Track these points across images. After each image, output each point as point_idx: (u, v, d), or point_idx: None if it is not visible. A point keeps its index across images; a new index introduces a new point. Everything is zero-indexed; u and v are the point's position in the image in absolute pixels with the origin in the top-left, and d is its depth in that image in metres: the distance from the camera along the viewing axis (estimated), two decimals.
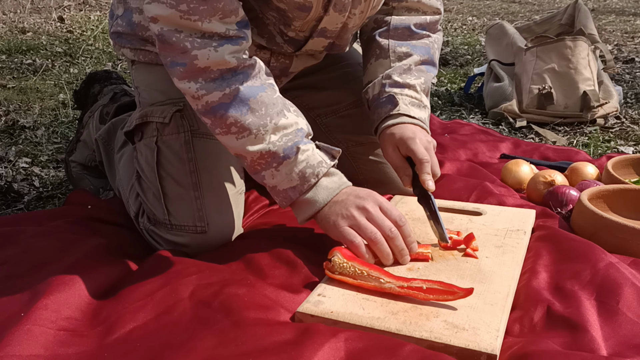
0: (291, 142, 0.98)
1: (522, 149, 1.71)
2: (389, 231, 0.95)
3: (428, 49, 1.19)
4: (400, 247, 0.95)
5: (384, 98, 1.15)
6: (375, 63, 1.19)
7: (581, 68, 2.01)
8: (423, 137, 1.09)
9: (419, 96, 1.16)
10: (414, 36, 1.19)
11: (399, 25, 1.18)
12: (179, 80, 0.95)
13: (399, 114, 1.13)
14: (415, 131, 1.10)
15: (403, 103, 1.13)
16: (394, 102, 1.13)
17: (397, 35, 1.18)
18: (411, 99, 1.15)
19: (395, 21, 1.19)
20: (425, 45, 1.19)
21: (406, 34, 1.19)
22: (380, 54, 1.19)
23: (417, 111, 1.14)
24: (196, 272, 0.95)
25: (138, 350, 0.77)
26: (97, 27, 3.78)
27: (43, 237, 1.07)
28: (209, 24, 0.92)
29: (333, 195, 0.99)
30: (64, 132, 1.93)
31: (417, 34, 1.19)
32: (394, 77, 1.15)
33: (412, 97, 1.15)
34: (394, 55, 1.17)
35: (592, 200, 1.15)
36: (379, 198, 0.99)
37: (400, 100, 1.13)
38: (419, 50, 1.18)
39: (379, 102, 1.16)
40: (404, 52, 1.17)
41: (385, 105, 1.14)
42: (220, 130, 0.98)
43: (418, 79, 1.16)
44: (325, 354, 0.74)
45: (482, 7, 5.63)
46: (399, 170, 1.10)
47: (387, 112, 1.13)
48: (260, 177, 1.01)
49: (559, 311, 0.83)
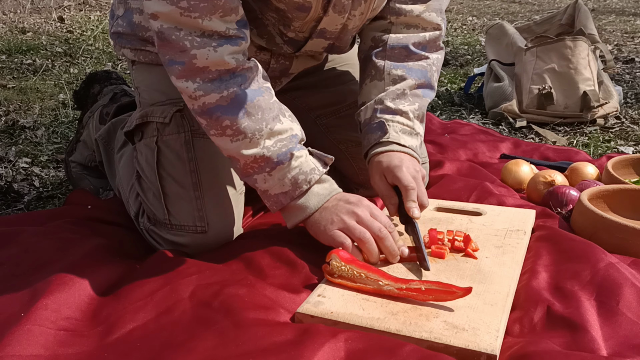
0: (285, 147, 0.98)
1: (522, 149, 1.71)
2: (378, 231, 0.96)
3: (425, 72, 1.15)
4: (391, 248, 0.96)
5: (374, 124, 1.12)
6: (370, 84, 1.16)
7: (581, 68, 2.01)
8: (410, 166, 1.07)
9: (411, 123, 1.13)
10: (412, 57, 1.15)
11: (396, 45, 1.15)
12: (176, 79, 0.95)
13: (389, 141, 1.10)
14: (402, 159, 1.07)
15: (393, 130, 1.11)
16: (384, 129, 1.11)
17: (393, 55, 1.15)
18: (402, 126, 1.12)
19: (392, 40, 1.15)
20: (422, 68, 1.15)
21: (403, 54, 1.15)
22: (375, 75, 1.16)
23: (408, 139, 1.11)
24: (196, 272, 0.95)
25: (138, 350, 0.77)
26: (97, 27, 3.78)
27: (43, 237, 1.07)
28: (209, 22, 0.91)
29: (324, 202, 1.00)
30: (64, 132, 1.93)
31: (414, 55, 1.15)
32: (387, 102, 1.12)
33: (403, 124, 1.12)
34: (388, 78, 1.14)
35: (592, 200, 1.15)
36: (369, 204, 1.00)
37: (390, 128, 1.11)
38: (415, 73, 1.14)
39: (369, 127, 1.13)
40: (399, 75, 1.14)
41: (376, 131, 1.12)
42: (215, 131, 0.98)
43: (412, 104, 1.13)
44: (325, 354, 0.74)
45: (482, 7, 5.63)
46: (385, 199, 1.08)
47: (377, 139, 1.11)
48: (252, 180, 1.01)
49: (559, 311, 0.83)
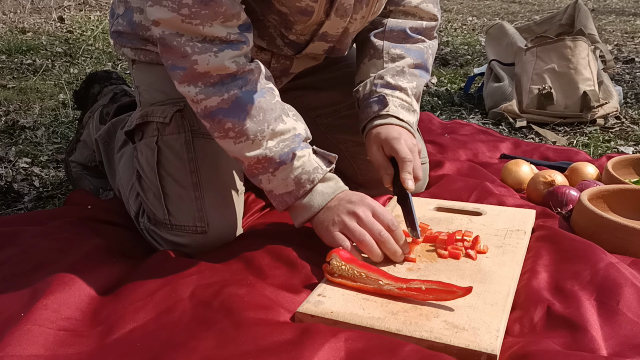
0: (288, 148, 0.98)
1: (522, 149, 1.71)
2: (378, 235, 0.96)
3: (422, 53, 1.19)
4: (392, 250, 0.96)
5: (374, 98, 1.14)
6: (369, 63, 1.19)
7: (581, 68, 2.01)
8: (408, 139, 1.09)
9: (409, 100, 1.15)
10: (409, 40, 1.18)
11: (394, 27, 1.18)
12: (179, 84, 0.96)
13: (388, 114, 1.12)
14: (401, 132, 1.09)
15: (393, 105, 1.13)
16: (384, 102, 1.13)
17: (392, 37, 1.18)
18: (401, 101, 1.14)
19: (391, 23, 1.18)
20: (420, 50, 1.19)
21: (401, 36, 1.18)
22: (374, 54, 1.18)
23: (406, 114, 1.13)
24: (196, 272, 0.95)
25: (138, 350, 0.77)
26: (97, 27, 3.78)
27: (43, 237, 1.07)
28: (210, 27, 0.92)
29: (328, 200, 1.00)
30: (64, 132, 1.93)
31: (412, 38, 1.19)
32: (387, 78, 1.15)
33: (402, 100, 1.14)
34: (387, 57, 1.17)
35: (592, 200, 1.14)
36: (371, 202, 0.99)
37: (390, 102, 1.13)
38: (413, 53, 1.17)
39: (368, 102, 1.15)
40: (397, 54, 1.17)
41: (375, 105, 1.14)
42: (218, 134, 0.98)
43: (410, 82, 1.16)
44: (325, 354, 0.74)
45: (482, 7, 5.63)
46: (381, 169, 1.10)
47: (376, 112, 1.13)
48: (257, 180, 1.02)
49: (559, 311, 0.83)
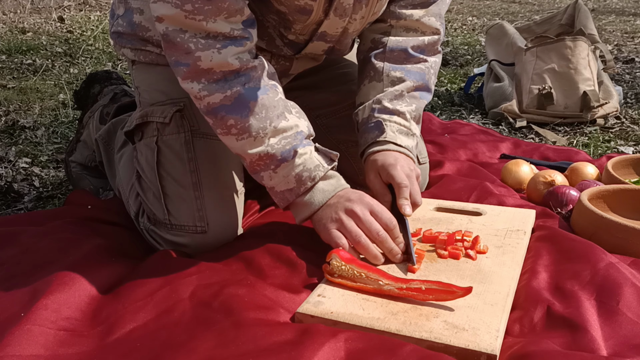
0: (289, 145, 0.99)
1: (522, 149, 1.71)
2: (376, 234, 0.96)
3: (423, 74, 1.17)
4: (390, 249, 0.96)
5: (372, 123, 1.13)
6: (369, 85, 1.18)
7: (581, 68, 2.01)
8: (405, 165, 1.08)
9: (407, 124, 1.14)
10: (410, 60, 1.17)
11: (395, 47, 1.16)
12: (182, 80, 0.96)
13: (385, 141, 1.11)
14: (397, 158, 1.08)
15: (390, 130, 1.12)
16: (381, 128, 1.12)
17: (392, 58, 1.16)
18: (399, 126, 1.13)
19: (392, 43, 1.17)
20: (421, 71, 1.17)
21: (402, 56, 1.16)
22: (374, 77, 1.17)
23: (405, 139, 1.13)
24: (196, 272, 0.95)
25: (138, 350, 0.77)
26: (97, 27, 3.78)
27: (43, 237, 1.07)
28: (214, 23, 0.92)
29: (328, 198, 1.00)
30: (64, 132, 1.93)
31: (413, 58, 1.17)
32: (384, 102, 1.14)
33: (400, 124, 1.13)
34: (387, 79, 1.16)
35: (592, 200, 1.14)
36: (369, 201, 0.99)
37: (387, 128, 1.12)
38: (413, 75, 1.16)
39: (367, 127, 1.14)
40: (397, 77, 1.15)
41: (373, 130, 1.13)
42: (221, 130, 0.98)
43: (409, 105, 1.15)
44: (325, 354, 0.74)
45: (482, 7, 5.63)
46: (378, 197, 1.08)
47: (374, 138, 1.12)
48: (259, 177, 1.02)
49: (559, 311, 0.83)
